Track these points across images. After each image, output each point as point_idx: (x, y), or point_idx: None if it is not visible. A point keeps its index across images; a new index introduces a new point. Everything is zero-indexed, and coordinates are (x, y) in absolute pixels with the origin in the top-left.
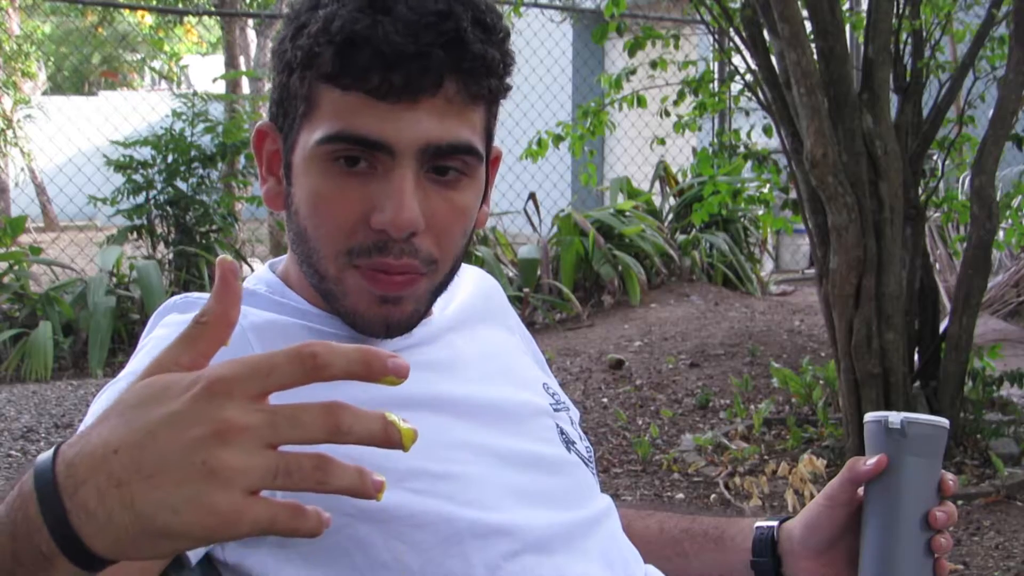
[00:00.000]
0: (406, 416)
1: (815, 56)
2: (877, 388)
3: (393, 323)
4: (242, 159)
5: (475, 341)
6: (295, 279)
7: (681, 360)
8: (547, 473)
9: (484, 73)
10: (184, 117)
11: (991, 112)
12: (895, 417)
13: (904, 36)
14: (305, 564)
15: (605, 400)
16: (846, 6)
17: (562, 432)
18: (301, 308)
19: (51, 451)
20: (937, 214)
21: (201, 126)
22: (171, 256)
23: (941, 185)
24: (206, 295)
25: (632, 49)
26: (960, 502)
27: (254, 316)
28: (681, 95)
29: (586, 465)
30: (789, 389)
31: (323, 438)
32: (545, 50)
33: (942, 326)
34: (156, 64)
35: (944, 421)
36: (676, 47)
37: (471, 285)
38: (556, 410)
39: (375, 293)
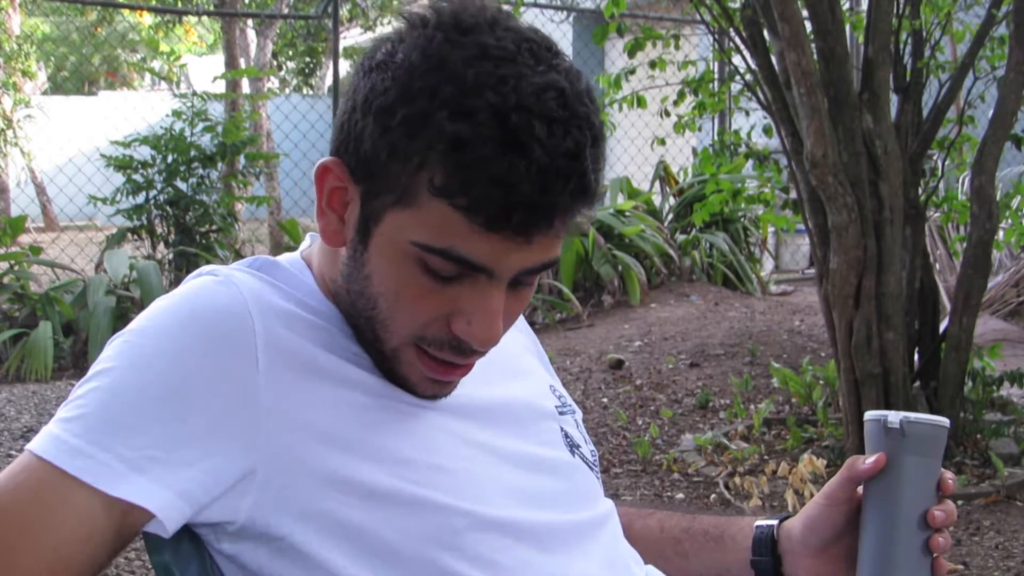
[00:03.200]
0: (408, 411)
1: (815, 56)
2: (877, 388)
3: (441, 395)
4: (242, 159)
5: None
6: (318, 268)
7: (681, 360)
8: (549, 476)
9: (592, 204)
10: (184, 117)
11: (991, 112)
12: (894, 416)
13: (904, 36)
14: (297, 554)
15: (605, 400)
16: (846, 6)
17: (567, 435)
18: (313, 289)
19: None
20: (937, 214)
21: (201, 126)
22: (171, 256)
23: (941, 185)
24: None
25: (632, 50)
26: (960, 502)
27: (262, 293)
28: (681, 95)
29: (590, 469)
30: (789, 389)
31: None
32: None
33: (942, 326)
34: (156, 64)
35: (944, 420)
36: (676, 47)
37: None
38: (562, 413)
39: (431, 377)
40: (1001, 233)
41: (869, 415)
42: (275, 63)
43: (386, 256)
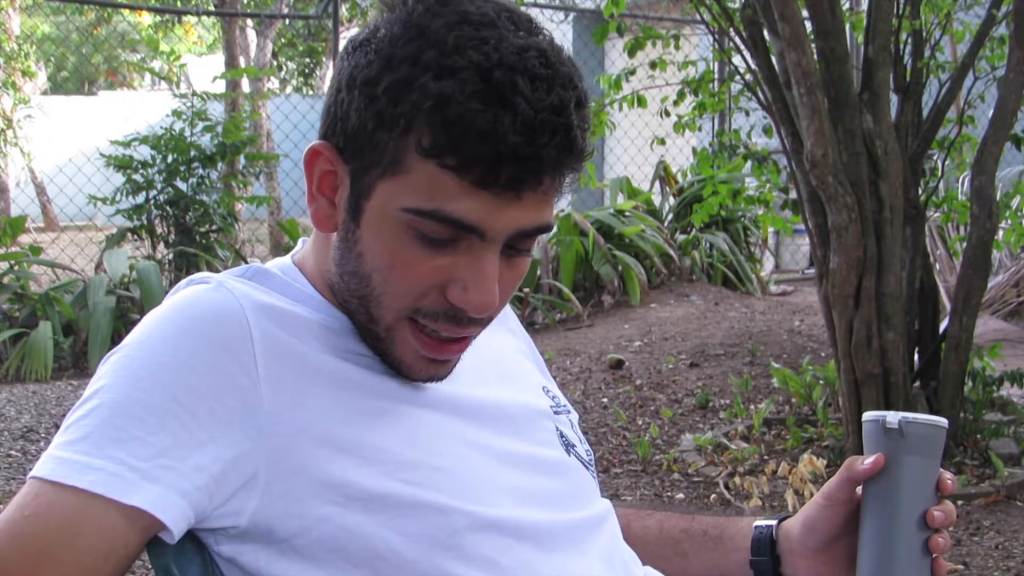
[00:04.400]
0: (406, 413)
1: (815, 56)
2: (877, 388)
3: (437, 378)
4: (242, 159)
5: (476, 344)
6: (311, 269)
7: (681, 360)
8: (546, 475)
9: (580, 163)
10: (184, 117)
11: (991, 112)
12: (893, 417)
13: (904, 36)
14: (298, 557)
15: (605, 400)
16: (846, 6)
17: (562, 435)
18: (308, 293)
19: None
20: (937, 214)
21: (201, 126)
22: (171, 256)
23: (941, 185)
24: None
25: (632, 50)
26: (960, 502)
27: (256, 297)
28: (681, 95)
29: (586, 468)
30: (789, 389)
31: None
32: None
33: (942, 326)
34: (156, 64)
35: (942, 421)
36: (676, 47)
37: None
38: (556, 413)
39: (425, 355)
40: (1001, 233)
41: (868, 415)
42: (275, 63)
43: (378, 229)
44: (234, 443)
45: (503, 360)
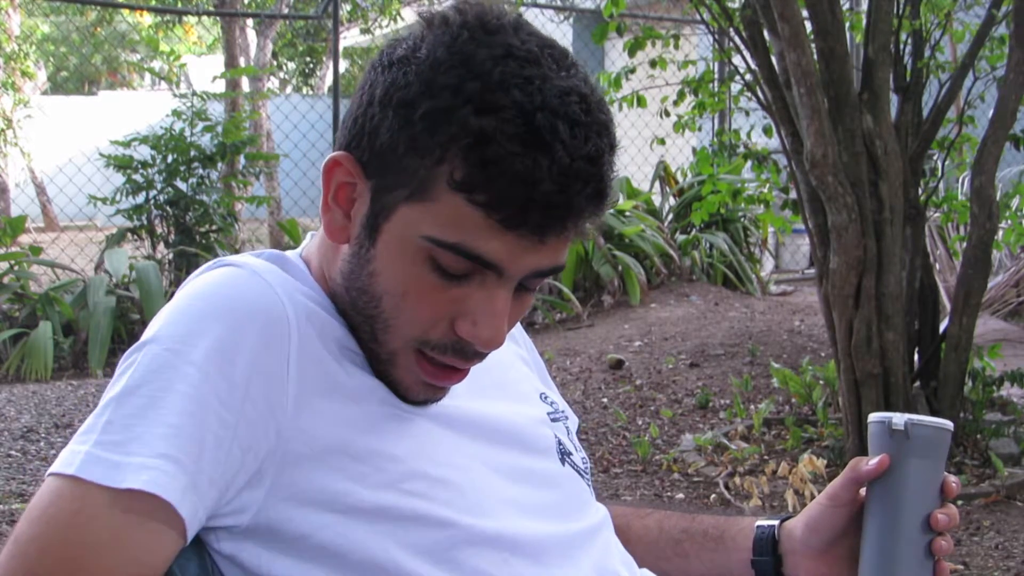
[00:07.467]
0: (411, 422)
1: (815, 56)
2: (877, 388)
3: (432, 401)
4: (242, 159)
5: None
6: (315, 268)
7: (681, 360)
8: (541, 487)
9: (605, 210)
10: (184, 117)
11: (991, 112)
12: (899, 418)
13: (904, 36)
14: (299, 558)
15: (605, 400)
16: (846, 6)
17: (559, 443)
18: (318, 289)
19: None
20: (937, 214)
21: (201, 126)
22: (171, 256)
23: (941, 185)
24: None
25: (632, 49)
26: (960, 502)
27: (293, 293)
28: (681, 95)
29: (581, 477)
30: (789, 389)
31: None
32: None
33: (942, 326)
34: (156, 64)
35: (948, 423)
36: (676, 47)
37: None
38: (554, 420)
39: (427, 381)
40: (1001, 233)
41: (874, 417)
42: (275, 63)
43: (394, 252)
44: (255, 444)
45: (501, 366)
